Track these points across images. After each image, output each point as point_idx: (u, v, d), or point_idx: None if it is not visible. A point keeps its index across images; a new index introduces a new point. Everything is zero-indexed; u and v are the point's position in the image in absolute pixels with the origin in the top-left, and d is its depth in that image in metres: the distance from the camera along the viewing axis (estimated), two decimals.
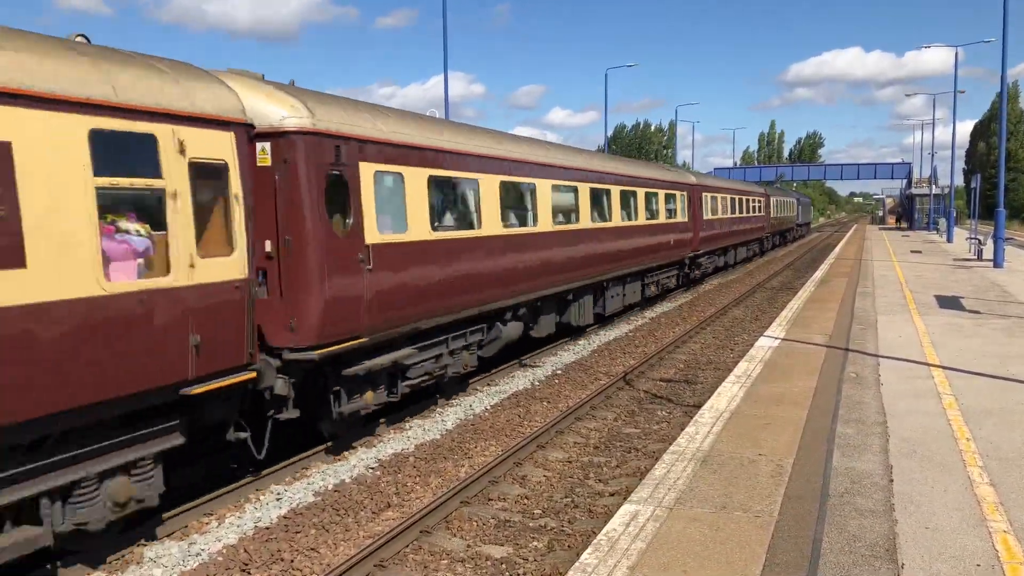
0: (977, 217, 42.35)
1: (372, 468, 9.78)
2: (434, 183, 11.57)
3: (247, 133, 8.25)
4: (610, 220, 19.18)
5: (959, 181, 77.55)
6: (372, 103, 11.53)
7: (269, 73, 9.61)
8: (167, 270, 7.16)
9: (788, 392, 10.34)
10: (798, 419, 9.06)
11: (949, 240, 49.96)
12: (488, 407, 12.72)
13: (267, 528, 7.99)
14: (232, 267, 7.87)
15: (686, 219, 26.77)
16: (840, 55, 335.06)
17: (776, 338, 14.53)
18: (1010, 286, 22.81)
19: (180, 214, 7.25)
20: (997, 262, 28.74)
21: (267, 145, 8.79)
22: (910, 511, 6.32)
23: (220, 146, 7.78)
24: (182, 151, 7.27)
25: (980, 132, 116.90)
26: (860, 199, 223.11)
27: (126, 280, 6.77)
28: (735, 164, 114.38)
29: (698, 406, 11.28)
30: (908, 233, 66.58)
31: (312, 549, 7.53)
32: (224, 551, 7.48)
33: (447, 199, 12.33)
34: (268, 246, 8.83)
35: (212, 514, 8.39)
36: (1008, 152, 63.07)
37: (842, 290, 22.50)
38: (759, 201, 44.08)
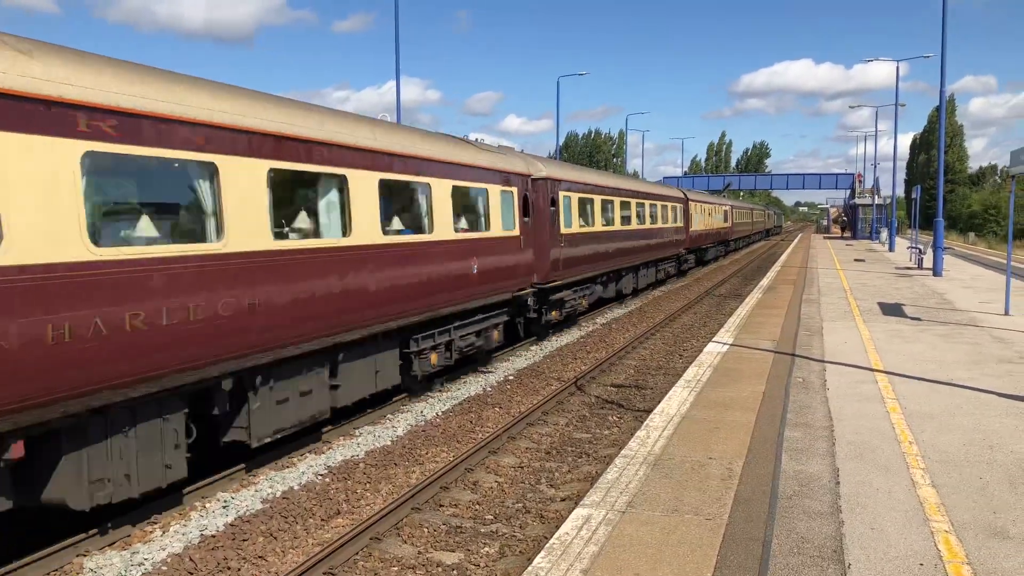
0: (917, 227, 43.51)
1: (321, 475, 9.64)
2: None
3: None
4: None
5: (900, 192, 79.62)
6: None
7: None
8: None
9: (737, 397, 10.47)
10: (747, 423, 9.17)
11: (891, 249, 51.25)
12: (439, 413, 12.64)
13: (213, 536, 7.81)
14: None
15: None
16: (791, 66, 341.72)
17: (725, 344, 14.72)
18: (949, 294, 23.46)
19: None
20: (936, 271, 29.56)
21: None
22: (856, 512, 6.43)
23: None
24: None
25: (920, 145, 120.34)
26: (806, 208, 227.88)
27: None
28: (684, 173, 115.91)
29: (649, 411, 11.36)
30: (851, 242, 68.11)
31: (260, 557, 7.39)
32: (169, 560, 7.29)
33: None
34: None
35: (156, 523, 8.18)
36: (946, 164, 64.90)
37: (788, 297, 22.90)
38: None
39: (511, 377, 15.36)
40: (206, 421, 8.70)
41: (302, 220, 9.80)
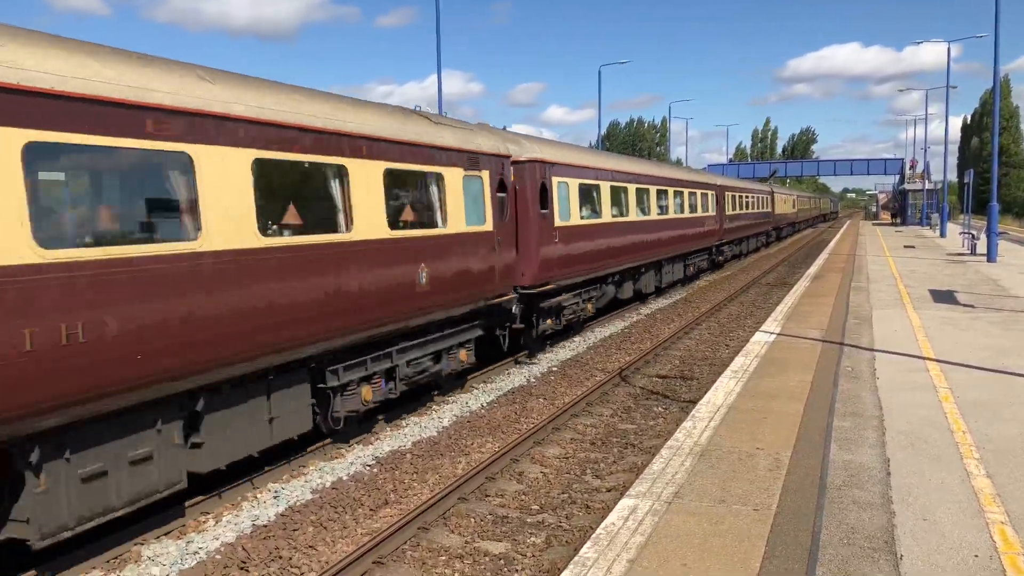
0: (970, 212, 42.47)
1: (369, 466, 9.77)
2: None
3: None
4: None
5: (952, 176, 77.77)
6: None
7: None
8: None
9: (784, 387, 10.36)
10: (795, 413, 9.08)
11: (942, 235, 50.12)
12: (484, 404, 12.72)
13: (265, 526, 7.98)
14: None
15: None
16: (839, 50, 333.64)
17: (772, 333, 14.56)
18: (1004, 280, 22.88)
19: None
20: (990, 257, 28.84)
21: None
22: (908, 503, 6.34)
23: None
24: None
25: (972, 127, 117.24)
26: (853, 195, 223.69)
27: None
28: (729, 160, 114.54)
29: (694, 402, 11.29)
30: (901, 228, 66.73)
31: (310, 547, 7.52)
32: (222, 549, 7.47)
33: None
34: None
35: (209, 513, 8.37)
36: (1000, 147, 63.19)
37: (836, 285, 22.55)
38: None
39: (555, 368, 15.38)
40: None
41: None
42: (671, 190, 26.24)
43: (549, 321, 16.35)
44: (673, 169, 31.55)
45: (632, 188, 21.86)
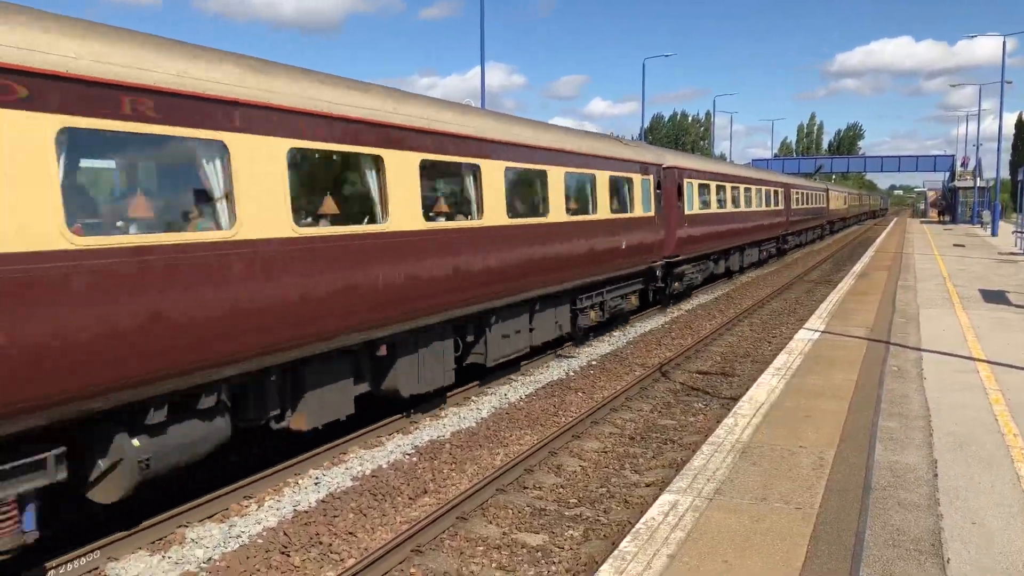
0: (1023, 211, 41.37)
1: (409, 454, 9.83)
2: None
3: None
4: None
5: (1005, 174, 75.86)
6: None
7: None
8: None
9: (829, 385, 10.20)
10: (839, 412, 8.94)
11: (993, 234, 48.93)
12: (523, 396, 12.72)
13: (306, 511, 8.07)
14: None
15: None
16: (889, 44, 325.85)
17: (816, 331, 14.35)
18: None
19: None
20: None
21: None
22: (956, 506, 6.20)
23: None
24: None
25: None
26: (901, 192, 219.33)
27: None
28: (773, 155, 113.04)
29: (736, 398, 11.19)
30: (951, 226, 65.31)
31: (350, 533, 7.60)
32: (264, 533, 7.57)
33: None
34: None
35: (252, 497, 8.49)
36: None
37: (883, 283, 22.14)
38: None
39: (594, 362, 15.33)
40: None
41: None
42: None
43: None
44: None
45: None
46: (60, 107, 5.79)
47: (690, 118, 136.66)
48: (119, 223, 6.71)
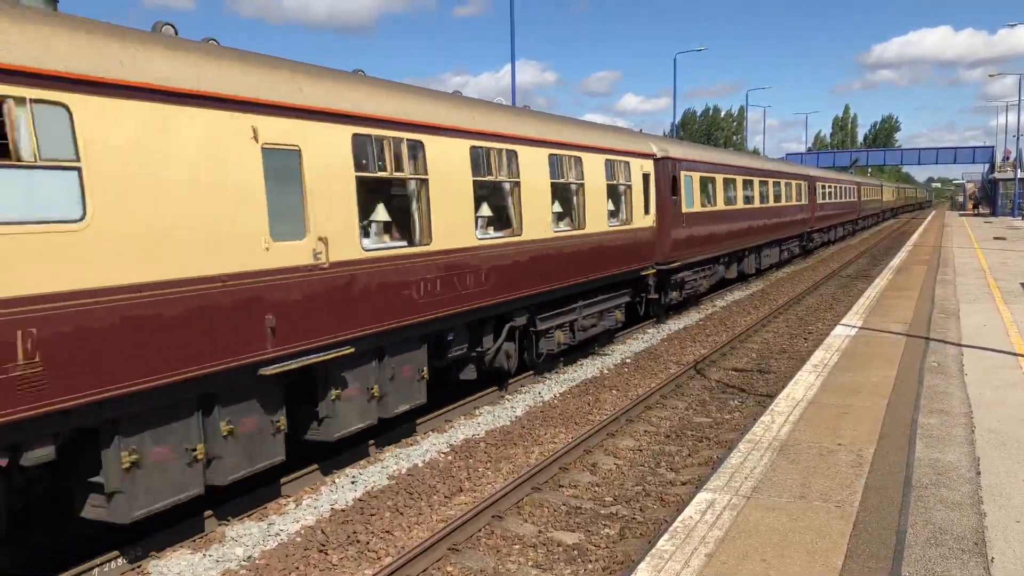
0: None
1: (444, 453, 9.88)
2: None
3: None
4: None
5: None
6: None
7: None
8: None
9: (867, 381, 10.07)
10: (878, 409, 8.82)
11: None
12: (557, 395, 12.72)
13: (343, 510, 8.14)
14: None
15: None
16: (927, 34, 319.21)
17: (853, 327, 14.16)
18: None
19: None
20: None
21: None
22: (999, 504, 6.09)
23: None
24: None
25: None
26: (939, 184, 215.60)
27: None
28: (807, 149, 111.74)
29: (772, 396, 11.09)
30: (990, 219, 64.06)
31: (387, 531, 7.65)
32: (302, 532, 7.66)
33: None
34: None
35: (290, 496, 8.59)
36: None
37: (921, 278, 21.79)
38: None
39: (628, 360, 15.27)
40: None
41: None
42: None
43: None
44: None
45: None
46: None
47: (723, 113, 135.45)
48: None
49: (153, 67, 6.57)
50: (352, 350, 8.45)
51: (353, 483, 8.93)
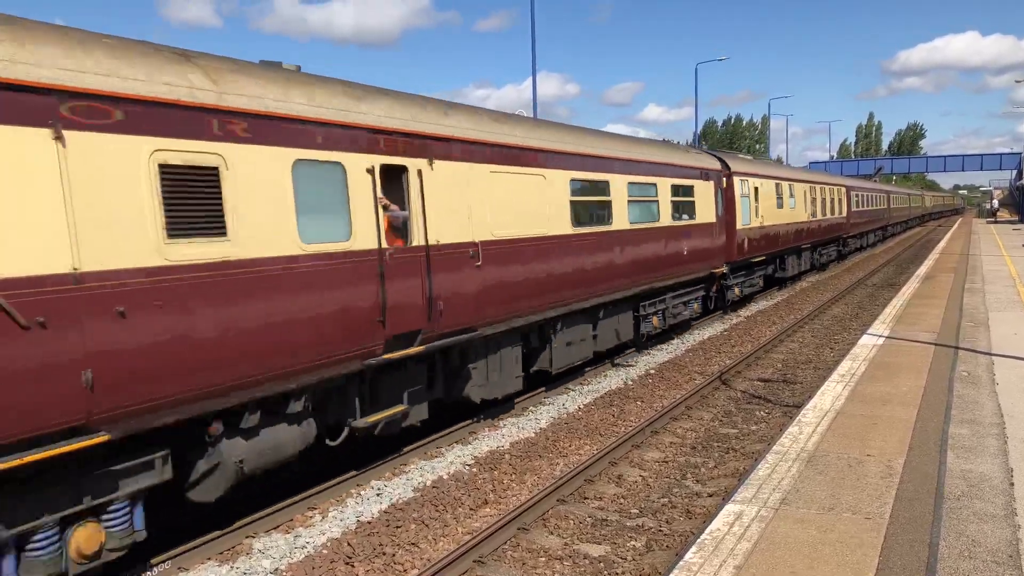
0: None
1: (468, 465, 9.87)
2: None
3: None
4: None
5: None
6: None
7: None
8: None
9: (895, 392, 9.95)
10: (907, 419, 8.71)
11: None
12: (581, 406, 12.68)
13: (369, 522, 8.15)
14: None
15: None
16: (954, 40, 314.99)
17: (880, 336, 14.01)
18: None
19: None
20: None
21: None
22: None
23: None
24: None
25: None
26: (965, 191, 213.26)
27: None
28: (831, 157, 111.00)
29: (799, 406, 10.99)
30: (1019, 226, 63.21)
31: (413, 544, 7.65)
32: (328, 544, 7.67)
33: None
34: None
35: (315, 508, 8.62)
36: None
37: (949, 286, 21.53)
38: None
39: (652, 371, 15.20)
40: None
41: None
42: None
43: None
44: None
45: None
46: None
47: (744, 122, 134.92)
48: None
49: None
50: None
51: (378, 495, 8.95)
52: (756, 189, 22.95)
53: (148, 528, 6.60)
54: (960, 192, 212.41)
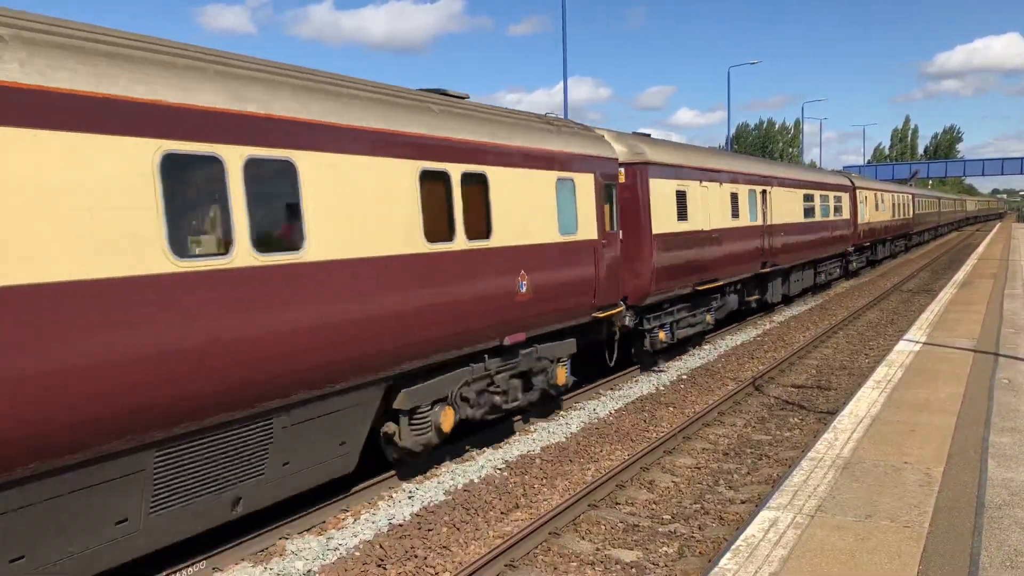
0: None
1: (500, 469, 9.86)
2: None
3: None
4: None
5: None
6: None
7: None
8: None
9: (933, 398, 9.79)
10: (946, 426, 8.56)
11: None
12: (612, 411, 12.62)
13: (401, 525, 8.17)
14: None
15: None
16: (994, 42, 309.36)
17: (917, 342, 13.80)
18: None
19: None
20: None
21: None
22: None
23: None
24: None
25: None
26: (1004, 195, 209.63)
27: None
28: (866, 162, 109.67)
29: (833, 412, 10.85)
30: None
31: (444, 547, 7.66)
32: (361, 546, 7.70)
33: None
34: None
35: (348, 511, 8.66)
36: None
37: (988, 292, 21.15)
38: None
39: (684, 376, 15.10)
40: None
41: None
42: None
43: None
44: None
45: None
46: None
47: (777, 125, 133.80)
48: None
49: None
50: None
51: (410, 498, 8.97)
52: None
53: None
54: (1000, 196, 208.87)
